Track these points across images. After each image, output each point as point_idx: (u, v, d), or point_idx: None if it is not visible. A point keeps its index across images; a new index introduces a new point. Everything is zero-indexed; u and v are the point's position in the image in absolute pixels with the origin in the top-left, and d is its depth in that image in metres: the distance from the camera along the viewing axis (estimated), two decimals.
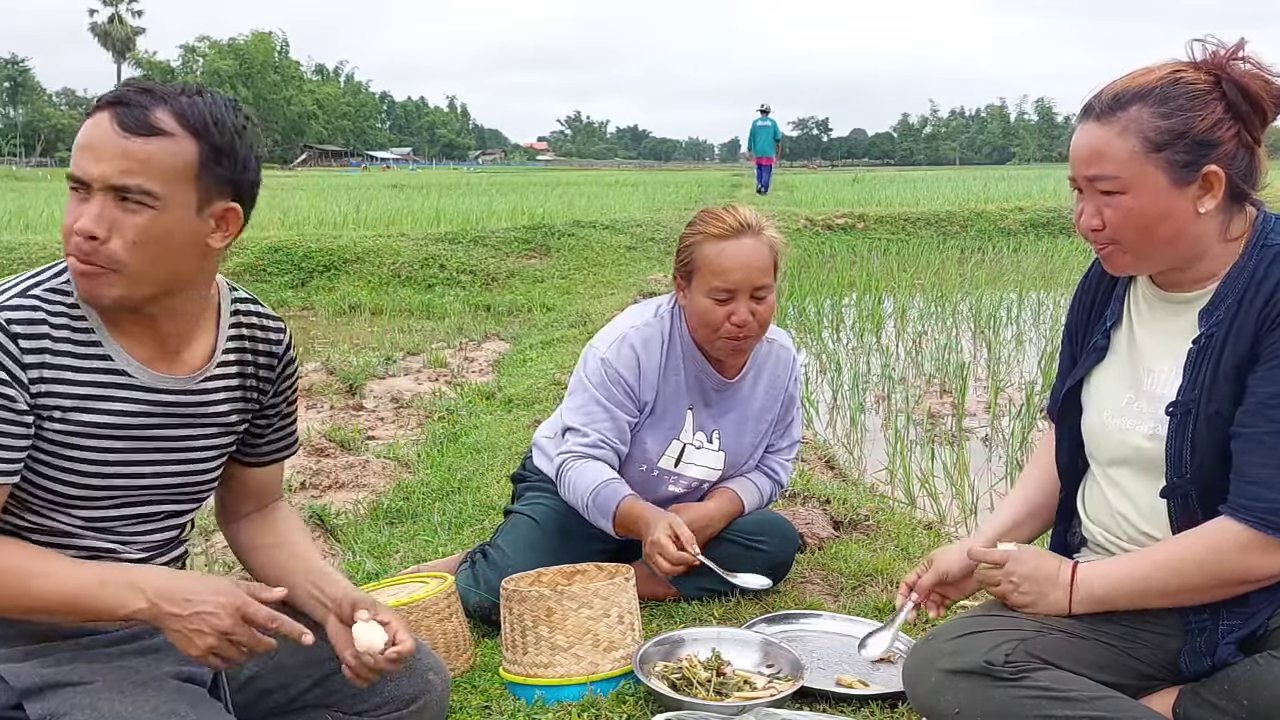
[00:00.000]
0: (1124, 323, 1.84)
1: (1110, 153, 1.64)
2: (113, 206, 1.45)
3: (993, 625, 1.74)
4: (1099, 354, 1.85)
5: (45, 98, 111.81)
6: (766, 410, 2.73)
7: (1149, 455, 1.72)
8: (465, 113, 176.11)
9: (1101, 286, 1.89)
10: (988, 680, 1.66)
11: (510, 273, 10.80)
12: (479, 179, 39.65)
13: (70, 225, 1.47)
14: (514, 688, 2.19)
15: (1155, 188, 1.63)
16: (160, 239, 1.47)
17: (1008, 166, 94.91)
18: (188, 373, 1.62)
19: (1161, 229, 1.65)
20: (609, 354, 2.57)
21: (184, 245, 1.51)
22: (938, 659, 1.73)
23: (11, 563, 1.47)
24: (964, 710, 1.67)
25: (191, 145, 1.48)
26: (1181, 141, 1.61)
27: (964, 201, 17.95)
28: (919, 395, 5.95)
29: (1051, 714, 1.62)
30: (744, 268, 2.46)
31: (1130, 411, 1.76)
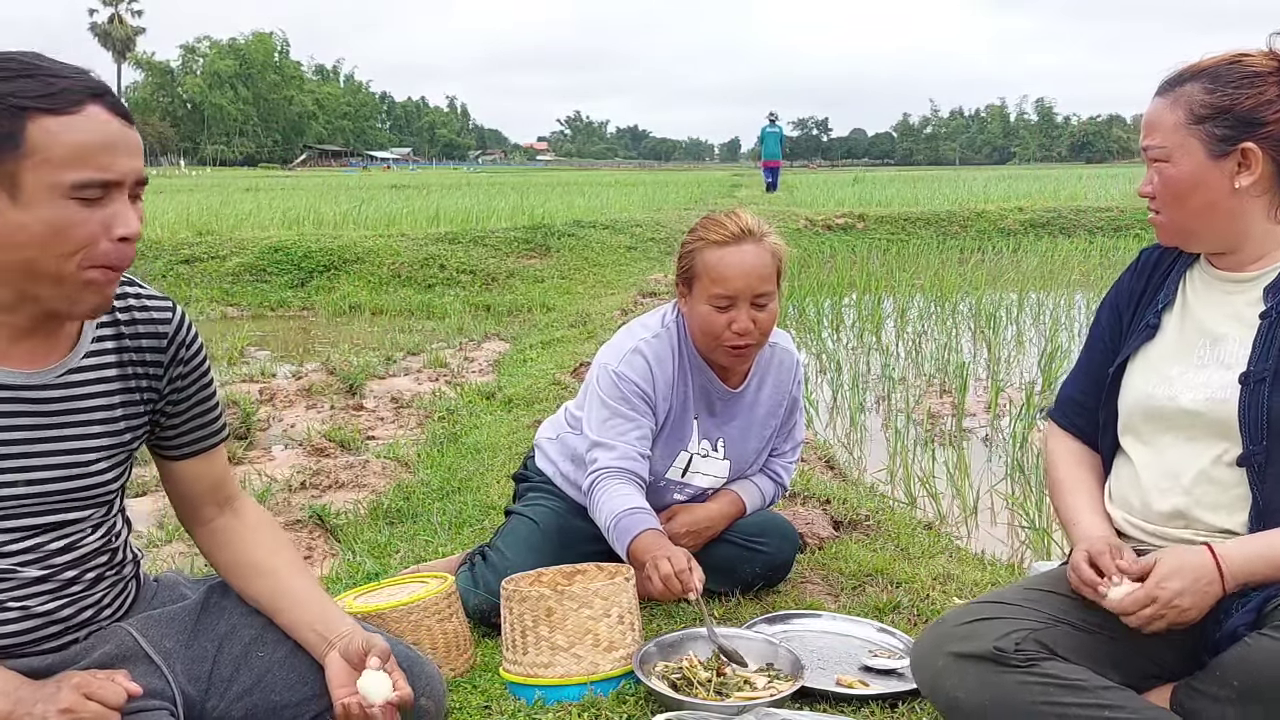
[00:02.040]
0: (1177, 304, 1.87)
1: (1160, 123, 1.75)
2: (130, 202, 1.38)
3: (1003, 613, 1.74)
4: (1150, 332, 1.88)
5: None
6: (771, 415, 2.72)
7: (1203, 420, 1.74)
8: (465, 113, 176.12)
9: (1158, 271, 1.94)
10: (997, 666, 1.66)
11: (510, 273, 10.80)
12: (479, 179, 39.65)
13: (115, 233, 1.36)
14: (514, 688, 2.19)
15: (1193, 158, 1.72)
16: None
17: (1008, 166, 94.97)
18: (46, 366, 1.48)
19: (1195, 199, 1.74)
20: (622, 367, 2.53)
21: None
22: (947, 643, 1.73)
23: None
24: (971, 694, 1.67)
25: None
26: (1224, 116, 1.69)
27: (964, 201, 17.95)
28: (919, 395, 5.95)
29: (1059, 701, 1.62)
30: (745, 275, 2.43)
31: (1181, 381, 1.79)
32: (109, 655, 1.55)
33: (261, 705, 1.61)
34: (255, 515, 1.78)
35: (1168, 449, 1.79)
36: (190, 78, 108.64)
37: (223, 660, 1.64)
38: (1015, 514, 3.97)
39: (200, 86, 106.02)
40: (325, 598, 1.70)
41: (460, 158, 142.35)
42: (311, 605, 1.66)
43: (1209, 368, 1.77)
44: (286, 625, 1.66)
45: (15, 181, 1.31)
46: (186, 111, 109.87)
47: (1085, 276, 10.66)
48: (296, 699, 1.62)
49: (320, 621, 1.63)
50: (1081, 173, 41.09)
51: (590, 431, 2.55)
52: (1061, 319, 8.22)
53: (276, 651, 1.65)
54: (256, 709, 1.61)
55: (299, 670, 1.64)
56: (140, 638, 1.59)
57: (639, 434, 2.51)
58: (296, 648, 1.65)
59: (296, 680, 1.63)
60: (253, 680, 1.63)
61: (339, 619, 1.64)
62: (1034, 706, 1.63)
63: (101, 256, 1.37)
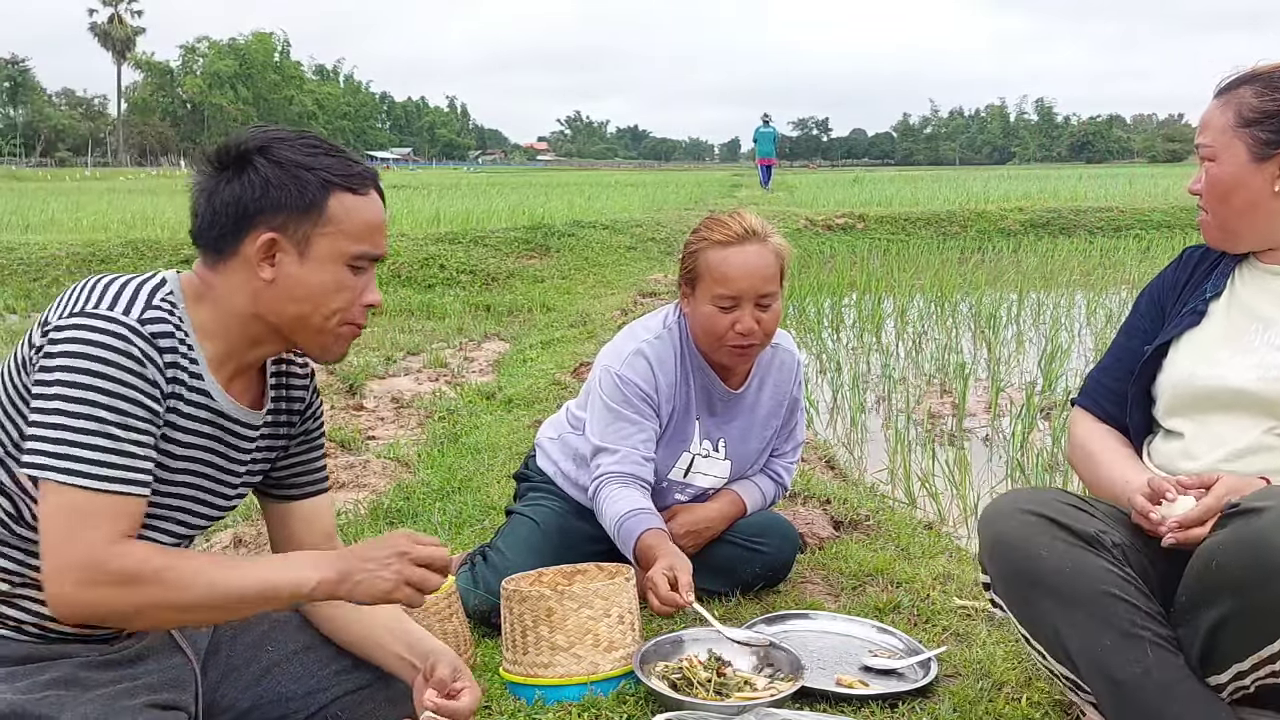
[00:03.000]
0: (1225, 294, 1.90)
1: (1211, 123, 1.82)
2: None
3: (1095, 513, 1.76)
4: (1196, 319, 1.90)
5: (45, 98, 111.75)
6: (772, 416, 2.71)
7: (1256, 398, 1.76)
8: (465, 113, 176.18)
9: (1204, 265, 1.97)
10: (1092, 549, 1.68)
11: (510, 273, 10.80)
12: (479, 179, 39.68)
13: (366, 300, 1.57)
14: (514, 688, 2.19)
15: (1236, 160, 1.79)
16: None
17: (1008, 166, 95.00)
18: (255, 408, 1.64)
19: (1235, 199, 1.80)
20: (624, 370, 2.53)
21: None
22: (1039, 506, 1.74)
23: (197, 564, 1.45)
24: (1056, 555, 1.69)
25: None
26: (1270, 121, 1.76)
27: (964, 201, 17.95)
28: (919, 395, 5.95)
29: (1135, 603, 1.64)
30: (749, 275, 2.43)
31: (1227, 362, 1.81)
32: (146, 648, 1.60)
33: (268, 695, 1.69)
34: None
35: (1214, 423, 1.82)
36: (190, 78, 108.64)
37: (237, 649, 1.71)
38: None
39: (200, 86, 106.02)
40: (410, 622, 1.76)
41: (460, 158, 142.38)
42: (395, 628, 1.72)
43: (1259, 350, 1.80)
44: (373, 650, 1.72)
45: (308, 243, 1.52)
46: (186, 112, 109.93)
47: (1085, 276, 10.66)
48: (303, 691, 1.69)
49: (405, 646, 1.70)
50: (1081, 173, 41.11)
51: (593, 436, 2.55)
52: (1061, 319, 8.22)
53: (289, 645, 1.73)
54: (263, 698, 1.69)
55: (308, 665, 1.71)
56: (176, 633, 1.65)
57: (642, 437, 2.51)
58: (310, 643, 1.74)
59: (304, 673, 1.71)
60: (262, 670, 1.70)
61: (422, 639, 1.71)
62: (1112, 595, 1.65)
63: (355, 316, 1.58)
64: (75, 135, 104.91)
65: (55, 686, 1.46)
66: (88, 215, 15.58)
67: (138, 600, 1.40)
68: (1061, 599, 1.68)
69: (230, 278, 1.53)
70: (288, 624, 1.76)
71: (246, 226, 1.50)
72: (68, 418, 1.38)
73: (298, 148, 1.53)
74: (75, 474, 1.38)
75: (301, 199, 1.50)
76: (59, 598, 1.40)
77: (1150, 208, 15.73)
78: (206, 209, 1.52)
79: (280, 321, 1.54)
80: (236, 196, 1.50)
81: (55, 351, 1.40)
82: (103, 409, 1.39)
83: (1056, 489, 1.89)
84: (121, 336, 1.41)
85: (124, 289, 1.47)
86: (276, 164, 1.50)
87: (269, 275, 1.51)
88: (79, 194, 25.15)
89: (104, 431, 1.39)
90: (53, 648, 1.51)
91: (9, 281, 9.94)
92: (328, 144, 1.56)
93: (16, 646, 1.49)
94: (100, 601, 1.40)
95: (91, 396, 1.39)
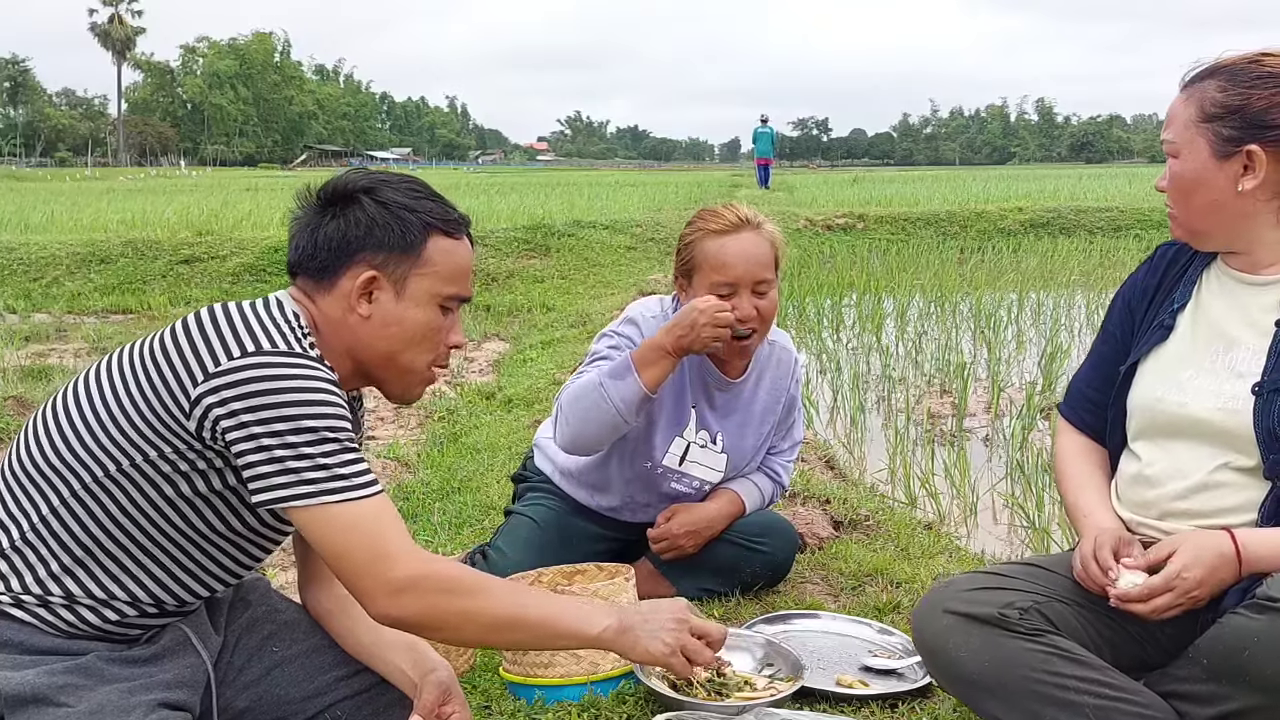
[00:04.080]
0: (1191, 304, 1.85)
1: (1175, 119, 1.75)
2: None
3: (1008, 584, 1.75)
4: (1163, 333, 1.85)
5: (45, 98, 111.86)
6: (769, 412, 2.72)
7: (1215, 428, 1.73)
8: (465, 113, 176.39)
9: (1173, 270, 1.92)
10: (1001, 631, 1.67)
11: (510, 273, 10.80)
12: (479, 179, 39.66)
13: (452, 341, 1.64)
14: (514, 688, 2.19)
15: (1198, 156, 1.71)
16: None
17: (1008, 166, 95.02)
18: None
19: (1198, 198, 1.73)
20: (619, 327, 2.57)
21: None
22: (952, 603, 1.73)
23: (505, 585, 1.56)
24: (973, 655, 1.68)
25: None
26: (1232, 117, 1.67)
27: (964, 201, 17.94)
28: (919, 395, 5.94)
29: (1061, 672, 1.63)
30: (745, 262, 2.45)
31: (1192, 386, 1.77)
32: (164, 648, 1.62)
33: (267, 697, 1.71)
34: None
35: (1177, 451, 1.78)
36: (190, 78, 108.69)
37: (240, 650, 1.73)
38: (1015, 514, 3.97)
39: (200, 87, 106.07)
40: (418, 639, 1.76)
41: (460, 158, 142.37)
42: (398, 647, 1.74)
43: (1220, 374, 1.75)
44: (378, 662, 1.75)
45: (405, 283, 1.58)
46: (186, 112, 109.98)
47: (1085, 276, 10.65)
48: (301, 695, 1.71)
49: (410, 663, 1.72)
50: (1081, 173, 41.10)
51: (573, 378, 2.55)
52: (1061, 319, 8.21)
53: (291, 649, 1.75)
54: (262, 699, 1.71)
55: (309, 669, 1.73)
56: (193, 635, 1.67)
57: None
58: (314, 648, 1.75)
59: (303, 677, 1.73)
60: (262, 671, 1.72)
61: (427, 657, 1.73)
62: (1035, 674, 1.63)
63: (442, 358, 1.65)
64: (75, 135, 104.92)
65: (74, 675, 1.50)
66: (88, 215, 15.56)
67: (458, 607, 1.48)
68: (993, 693, 1.67)
69: (329, 311, 1.59)
70: (295, 627, 1.78)
71: (347, 262, 1.57)
72: (304, 446, 1.43)
73: (402, 190, 1.60)
74: (339, 490, 1.44)
75: (403, 239, 1.57)
76: (388, 608, 1.46)
77: (1150, 208, 15.71)
78: (308, 242, 1.60)
79: (369, 357, 1.60)
80: (341, 232, 1.57)
81: (250, 391, 1.43)
82: (329, 429, 1.45)
83: (974, 570, 1.87)
84: (312, 368, 1.48)
85: (279, 326, 1.52)
86: (382, 205, 1.57)
87: (365, 311, 1.57)
88: (79, 194, 25.14)
89: (340, 448, 1.46)
90: (77, 643, 1.54)
91: (9, 281, 9.94)
92: (429, 189, 1.63)
93: (43, 638, 1.52)
94: (429, 607, 1.46)
95: (313, 423, 1.44)
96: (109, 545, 1.53)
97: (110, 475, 1.50)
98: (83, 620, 1.54)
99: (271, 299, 1.57)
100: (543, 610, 1.53)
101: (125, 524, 1.52)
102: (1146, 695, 1.65)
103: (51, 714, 1.45)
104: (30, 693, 1.45)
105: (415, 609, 1.46)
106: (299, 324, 1.54)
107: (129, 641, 1.60)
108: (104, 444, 1.50)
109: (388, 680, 1.75)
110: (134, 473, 1.50)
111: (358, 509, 1.45)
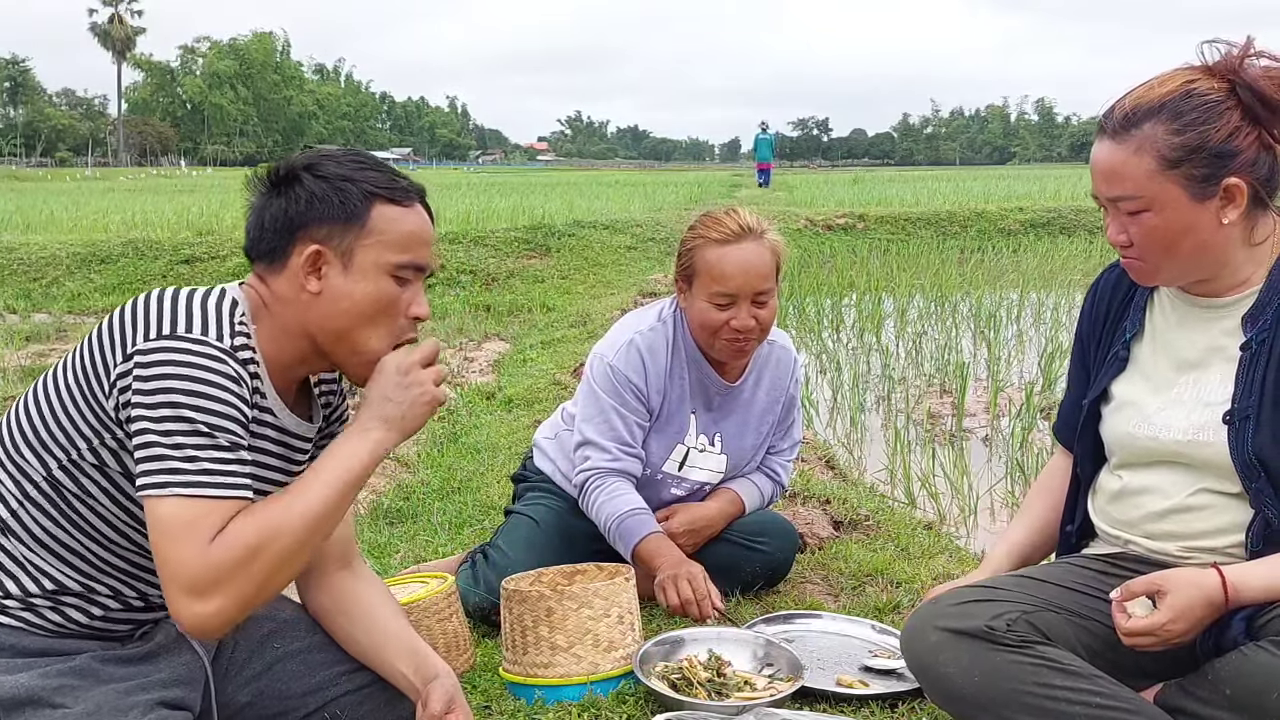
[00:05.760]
0: (1146, 332, 1.82)
1: (1128, 173, 1.64)
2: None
3: (996, 596, 1.75)
4: (1120, 365, 1.83)
5: (45, 98, 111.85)
6: (768, 412, 2.72)
7: (1188, 458, 1.72)
8: (465, 113, 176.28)
9: (1118, 297, 1.88)
10: (989, 645, 1.66)
11: (510, 273, 10.79)
12: (479, 179, 39.67)
13: (413, 312, 1.59)
14: (514, 688, 2.19)
15: (1177, 204, 1.62)
16: None
17: (1008, 166, 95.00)
18: (305, 419, 1.67)
19: (1186, 244, 1.65)
20: (616, 360, 2.56)
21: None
22: (940, 619, 1.73)
23: (277, 505, 1.46)
24: (962, 670, 1.67)
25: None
26: (1198, 156, 1.60)
27: (964, 201, 17.94)
28: (919, 395, 5.94)
29: (1051, 683, 1.62)
30: (745, 273, 2.44)
31: (1160, 417, 1.75)
32: (159, 645, 1.62)
33: (268, 691, 1.71)
34: (370, 573, 1.85)
35: (1159, 475, 1.77)
36: (190, 78, 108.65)
37: (241, 646, 1.73)
38: (1015, 514, 3.97)
39: (200, 87, 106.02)
40: (420, 643, 1.76)
41: (460, 158, 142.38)
42: (402, 649, 1.72)
43: (1188, 404, 1.73)
44: (380, 666, 1.73)
45: (351, 254, 1.54)
46: (186, 112, 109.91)
47: (1085, 276, 10.63)
48: (302, 690, 1.71)
49: (412, 667, 1.70)
50: (1082, 173, 41.05)
51: (583, 424, 2.57)
52: (1062, 319, 8.21)
53: (292, 645, 1.75)
54: (263, 694, 1.71)
55: (311, 664, 1.73)
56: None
57: (631, 433, 2.53)
58: (316, 644, 1.76)
59: (305, 671, 1.73)
60: (263, 666, 1.72)
61: (429, 663, 1.71)
62: (1024, 687, 1.62)
63: (401, 332, 1.59)
64: (75, 135, 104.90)
65: (70, 676, 1.49)
66: (88, 215, 15.57)
67: (261, 569, 1.41)
68: (985, 708, 1.66)
69: (281, 292, 1.56)
70: (296, 623, 1.78)
71: (292, 239, 1.54)
72: (180, 436, 1.40)
73: (343, 163, 1.57)
74: (197, 484, 1.40)
75: (344, 210, 1.53)
76: (190, 614, 1.39)
77: None
78: (256, 225, 1.57)
79: (325, 337, 1.56)
80: (284, 210, 1.54)
81: (150, 375, 1.41)
82: (210, 426, 1.41)
83: (964, 585, 1.86)
84: (218, 359, 1.44)
85: (205, 311, 1.48)
86: (321, 178, 1.55)
87: (315, 288, 1.54)
88: (79, 194, 25.15)
89: (216, 444, 1.42)
90: (68, 643, 1.54)
91: (9, 281, 9.94)
92: (374, 160, 1.60)
93: (35, 640, 1.52)
94: (232, 593, 1.40)
95: (196, 415, 1.40)
96: (73, 539, 1.52)
97: (63, 467, 1.49)
98: (70, 620, 1.54)
99: (219, 287, 1.55)
100: (326, 486, 1.48)
101: (86, 515, 1.51)
102: (1139, 703, 1.65)
103: (48, 715, 1.44)
104: (25, 695, 1.44)
105: (222, 601, 1.39)
106: (233, 313, 1.50)
107: (121, 639, 1.59)
108: (56, 435, 1.49)
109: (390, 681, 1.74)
110: (81, 463, 1.49)
111: (197, 507, 1.39)
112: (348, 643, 1.76)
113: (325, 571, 1.78)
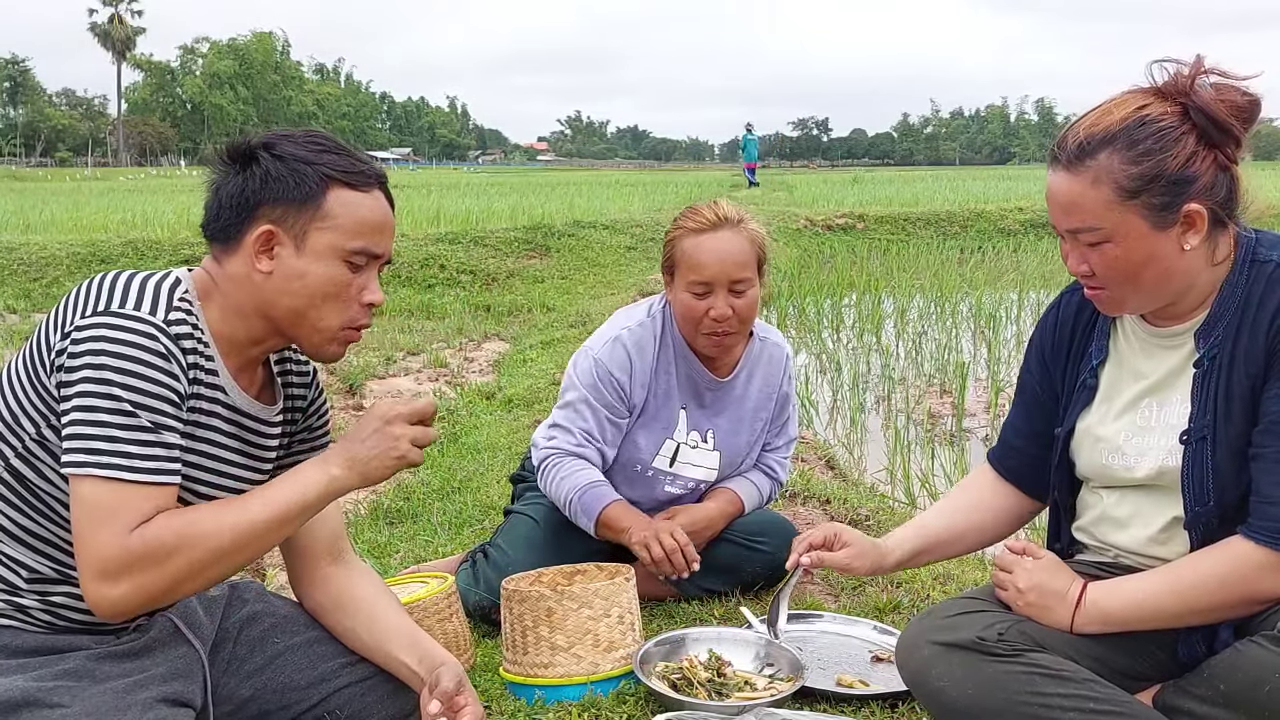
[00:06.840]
0: (1111, 358, 1.81)
1: (1086, 205, 1.61)
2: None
3: (989, 606, 1.75)
4: (1088, 394, 1.81)
5: (45, 98, 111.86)
6: (761, 409, 2.73)
7: (1160, 483, 1.71)
8: (465, 113, 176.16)
9: (1081, 321, 1.86)
10: (981, 656, 1.66)
11: (510, 273, 10.79)
12: (479, 179, 39.69)
13: (366, 299, 1.58)
14: (514, 688, 2.20)
15: (1138, 234, 1.60)
16: None
17: (1008, 166, 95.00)
18: (267, 403, 1.66)
19: (1149, 273, 1.63)
20: (602, 354, 2.57)
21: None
22: (931, 633, 1.73)
23: (212, 512, 1.46)
24: (955, 683, 1.66)
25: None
26: (1156, 184, 1.58)
27: (964, 201, 17.95)
28: (919, 395, 5.95)
29: (1044, 691, 1.62)
30: (720, 261, 2.46)
31: (1130, 447, 1.74)
32: (154, 639, 1.62)
33: (270, 685, 1.71)
34: (362, 565, 1.85)
35: (1138, 502, 1.77)
36: (190, 78, 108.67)
37: (242, 641, 1.74)
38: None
39: (200, 87, 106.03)
40: (421, 634, 1.75)
41: (460, 158, 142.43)
42: (402, 639, 1.72)
43: (1157, 430, 1.72)
44: (383, 660, 1.72)
45: (304, 236, 1.53)
46: (186, 112, 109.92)
47: None
48: (304, 682, 1.71)
49: (414, 657, 1.70)
50: None
51: (556, 413, 2.60)
52: None
53: (293, 639, 1.75)
54: (266, 687, 1.71)
55: (313, 656, 1.74)
56: (181, 624, 1.67)
57: (599, 427, 2.57)
58: (314, 639, 1.75)
59: (306, 665, 1.73)
60: (265, 660, 1.72)
61: (430, 653, 1.70)
62: (1019, 696, 1.62)
63: (353, 318, 1.58)
64: (75, 135, 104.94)
65: (67, 678, 1.48)
66: (88, 215, 15.57)
67: (174, 570, 1.41)
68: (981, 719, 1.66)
69: (234, 271, 1.55)
70: (294, 620, 1.78)
71: (248, 218, 1.53)
72: (103, 413, 1.39)
73: (302, 144, 1.56)
74: (114, 466, 1.39)
75: (299, 191, 1.53)
76: (98, 596, 1.40)
77: None
78: (213, 202, 1.57)
79: (277, 316, 1.55)
80: (240, 189, 1.53)
81: (80, 350, 1.41)
82: (135, 405, 1.41)
83: (955, 597, 1.87)
84: (149, 335, 1.43)
85: (144, 288, 1.48)
86: (279, 158, 1.54)
87: (266, 268, 1.53)
88: (79, 194, 25.15)
89: (138, 424, 1.41)
90: (61, 639, 1.53)
91: (9, 281, 9.94)
92: (334, 142, 1.58)
93: (28, 637, 1.51)
94: (139, 586, 1.40)
95: (121, 393, 1.40)
96: (41, 527, 1.51)
97: (19, 455, 1.49)
98: (59, 615, 1.53)
99: (168, 270, 1.56)
100: (266, 508, 1.47)
101: (49, 501, 1.50)
102: (1133, 704, 1.64)
103: (46, 716, 1.43)
104: (21, 697, 1.43)
105: (126, 592, 1.40)
106: (173, 291, 1.50)
107: (115, 631, 1.58)
108: (10, 424, 1.49)
109: (387, 670, 1.73)
110: (35, 448, 1.48)
111: (115, 489, 1.38)
112: (348, 638, 1.75)
113: (316, 566, 1.77)
